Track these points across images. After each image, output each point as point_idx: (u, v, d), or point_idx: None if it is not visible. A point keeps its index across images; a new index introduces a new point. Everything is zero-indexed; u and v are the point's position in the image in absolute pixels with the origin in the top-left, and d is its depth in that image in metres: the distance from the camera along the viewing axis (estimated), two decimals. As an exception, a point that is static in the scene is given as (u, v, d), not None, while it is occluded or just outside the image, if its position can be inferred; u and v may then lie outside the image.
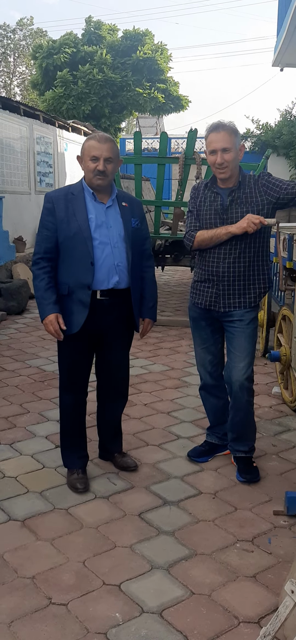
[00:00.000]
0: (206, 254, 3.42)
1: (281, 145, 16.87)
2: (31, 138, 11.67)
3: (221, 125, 3.29)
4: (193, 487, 3.38)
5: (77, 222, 3.17)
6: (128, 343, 3.53)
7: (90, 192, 3.24)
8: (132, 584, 2.53)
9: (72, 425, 3.44)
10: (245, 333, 3.39)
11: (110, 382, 3.51)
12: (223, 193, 3.36)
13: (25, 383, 5.18)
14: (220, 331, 3.56)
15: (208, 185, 3.44)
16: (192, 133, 6.77)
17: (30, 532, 2.91)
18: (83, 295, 3.18)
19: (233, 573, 2.61)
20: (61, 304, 3.21)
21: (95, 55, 19.18)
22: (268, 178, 3.37)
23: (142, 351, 6.18)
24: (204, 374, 3.67)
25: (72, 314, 3.20)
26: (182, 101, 20.90)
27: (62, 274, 3.22)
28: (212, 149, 3.28)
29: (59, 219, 3.18)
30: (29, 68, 36.39)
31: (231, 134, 3.26)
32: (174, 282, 11.04)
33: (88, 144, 3.20)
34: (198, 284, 3.50)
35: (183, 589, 2.50)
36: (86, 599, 2.44)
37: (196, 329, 3.62)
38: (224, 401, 3.70)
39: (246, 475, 3.46)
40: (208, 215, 3.38)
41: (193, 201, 3.48)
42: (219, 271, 3.37)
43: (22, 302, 8.25)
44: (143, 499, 3.23)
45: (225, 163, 3.26)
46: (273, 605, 2.37)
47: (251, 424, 3.55)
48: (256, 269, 3.39)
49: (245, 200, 3.32)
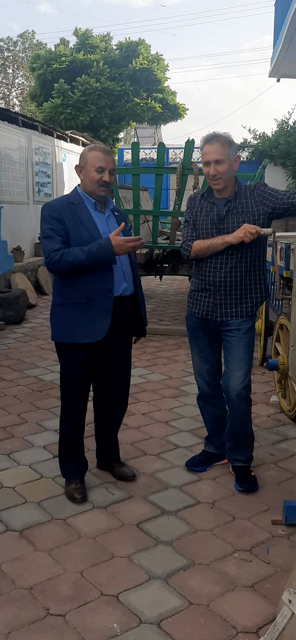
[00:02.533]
0: (203, 264, 3.43)
1: (279, 155, 16.93)
2: (29, 148, 11.71)
3: (215, 136, 3.32)
4: (191, 496, 3.37)
5: (87, 229, 3.17)
6: (130, 349, 3.55)
7: (92, 202, 3.25)
8: (130, 595, 2.52)
9: (73, 436, 3.41)
10: (243, 342, 3.40)
11: (112, 390, 3.50)
12: (220, 203, 3.38)
13: (23, 393, 5.17)
14: (217, 340, 3.57)
15: (204, 195, 3.46)
16: (189, 143, 6.81)
17: (28, 543, 2.90)
18: (105, 301, 3.15)
19: (231, 583, 2.61)
20: (78, 313, 3.15)
21: (92, 66, 19.30)
22: (264, 188, 3.39)
23: (140, 360, 6.18)
24: (202, 383, 3.67)
25: (93, 321, 3.15)
26: (179, 109, 21.01)
27: (77, 282, 3.15)
28: (206, 161, 3.31)
29: (69, 227, 3.15)
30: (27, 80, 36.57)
31: (224, 145, 3.28)
32: (172, 291, 11.05)
33: (92, 155, 3.20)
34: (195, 294, 3.52)
35: (182, 599, 2.50)
36: (84, 610, 2.43)
37: (193, 339, 3.63)
38: (222, 410, 3.70)
39: (244, 484, 3.46)
40: (205, 225, 3.40)
41: (190, 211, 3.50)
42: (216, 281, 3.38)
43: (21, 312, 8.26)
44: (141, 509, 3.23)
45: (218, 174, 3.28)
46: (271, 615, 2.36)
47: (249, 433, 3.55)
48: (252, 278, 3.40)
49: (241, 210, 3.34)
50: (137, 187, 7.04)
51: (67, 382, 3.35)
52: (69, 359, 3.29)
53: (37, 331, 7.72)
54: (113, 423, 3.61)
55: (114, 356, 3.41)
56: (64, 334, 3.23)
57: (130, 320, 3.43)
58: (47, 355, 6.40)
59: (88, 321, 3.16)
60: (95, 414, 3.61)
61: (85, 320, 3.16)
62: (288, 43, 10.30)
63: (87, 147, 3.32)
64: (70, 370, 3.32)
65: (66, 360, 3.32)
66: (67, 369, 3.33)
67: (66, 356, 3.30)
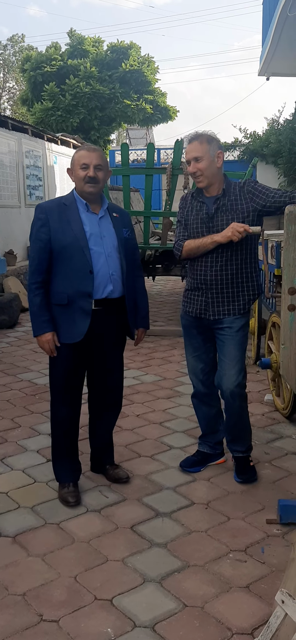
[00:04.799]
0: (195, 263, 3.43)
1: (270, 153, 16.95)
2: (20, 152, 11.66)
3: (194, 135, 3.36)
4: (185, 497, 3.35)
5: (73, 231, 3.17)
6: (122, 350, 3.53)
7: (83, 202, 3.25)
8: (124, 598, 2.50)
9: (66, 439, 3.40)
10: (235, 340, 3.40)
11: (104, 392, 3.49)
12: (209, 202, 3.39)
13: (16, 397, 5.14)
14: (211, 339, 3.56)
15: (194, 195, 3.46)
16: (179, 143, 6.80)
17: (22, 548, 2.88)
18: (84, 303, 3.18)
19: (226, 584, 2.59)
20: (60, 314, 3.19)
21: (79, 69, 19.30)
22: (254, 185, 3.38)
23: (134, 362, 6.16)
24: (196, 382, 3.66)
25: (73, 322, 3.19)
26: (169, 111, 21.07)
27: (59, 284, 3.20)
28: (187, 159, 3.37)
29: (53, 229, 3.18)
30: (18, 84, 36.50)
31: (202, 142, 3.30)
32: (166, 291, 11.03)
33: (77, 155, 3.25)
34: (189, 293, 3.52)
35: (176, 601, 2.48)
36: (78, 615, 2.41)
37: (187, 337, 3.62)
38: (217, 410, 3.70)
39: (242, 475, 3.51)
40: (195, 224, 3.40)
41: (182, 211, 3.51)
42: (207, 279, 3.38)
43: (14, 316, 8.22)
44: (135, 511, 3.21)
45: (198, 172, 3.31)
46: (266, 616, 2.34)
47: (246, 426, 3.58)
48: (244, 275, 3.39)
49: (230, 208, 3.33)
50: (127, 188, 7.02)
51: (52, 381, 3.39)
52: (53, 360, 3.32)
53: (30, 335, 7.66)
54: (107, 425, 3.59)
55: (105, 358, 3.40)
56: None
57: (120, 323, 3.41)
58: (40, 359, 6.37)
59: (68, 323, 3.21)
60: (89, 416, 3.59)
61: (66, 322, 3.21)
62: (277, 41, 10.32)
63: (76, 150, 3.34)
64: (53, 369, 3.35)
65: (51, 360, 3.34)
66: (52, 368, 3.36)
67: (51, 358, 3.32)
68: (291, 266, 2.71)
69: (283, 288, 2.73)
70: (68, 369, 3.29)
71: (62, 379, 3.32)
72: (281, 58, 11.30)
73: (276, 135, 16.80)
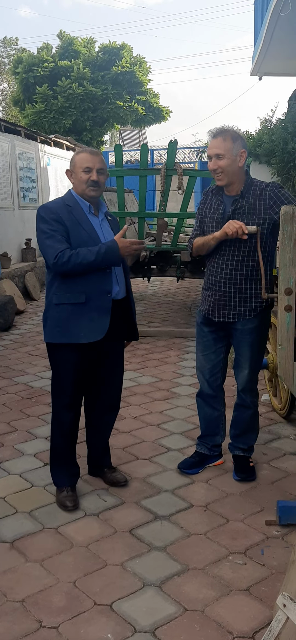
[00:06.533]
0: (209, 263, 3.46)
1: (263, 153, 16.94)
2: (13, 154, 11.61)
3: (219, 131, 3.29)
4: (184, 500, 3.34)
5: (84, 230, 3.18)
6: (123, 352, 3.53)
7: (87, 204, 3.26)
8: (124, 603, 2.48)
9: (66, 443, 3.36)
10: (248, 342, 3.43)
11: (104, 394, 3.47)
12: (228, 201, 3.35)
13: (12, 401, 5.11)
14: (223, 340, 3.55)
15: (214, 191, 3.45)
16: (172, 144, 6.78)
17: (20, 554, 2.85)
18: (104, 301, 3.18)
19: (226, 587, 2.58)
20: (77, 313, 3.15)
21: (72, 70, 19.27)
22: (279, 191, 3.26)
23: (130, 363, 6.13)
24: (202, 380, 3.65)
25: (92, 321, 3.16)
26: (162, 112, 21.07)
27: (76, 283, 3.16)
28: (208, 155, 3.31)
29: (69, 227, 3.16)
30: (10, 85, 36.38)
31: (226, 139, 3.24)
32: (161, 292, 11.02)
33: (79, 157, 3.23)
34: (204, 291, 3.56)
35: (176, 605, 2.46)
36: (77, 621, 2.39)
37: (199, 335, 3.63)
38: (219, 413, 3.68)
39: (241, 474, 3.52)
40: (210, 223, 3.39)
41: (201, 207, 3.51)
42: (217, 280, 3.39)
43: (9, 319, 8.18)
44: (134, 515, 3.19)
45: (218, 169, 3.26)
46: (267, 619, 2.34)
47: (253, 423, 3.62)
48: (254, 281, 3.35)
49: (248, 211, 3.28)
50: (121, 189, 7.00)
51: (58, 385, 3.32)
52: (61, 360, 3.25)
53: (26, 337, 7.65)
54: (105, 427, 3.57)
55: (107, 360, 3.39)
56: (60, 334, 3.19)
57: (122, 324, 3.41)
58: (36, 362, 6.34)
59: (87, 321, 3.16)
60: (87, 419, 3.57)
61: (85, 321, 3.16)
62: (269, 41, 10.31)
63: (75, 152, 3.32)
64: (62, 372, 3.28)
65: (58, 363, 3.28)
66: (59, 371, 3.29)
67: (59, 358, 3.26)
68: (287, 267, 2.70)
69: (279, 289, 2.72)
70: (76, 371, 3.25)
71: (69, 382, 3.27)
72: (273, 58, 11.30)
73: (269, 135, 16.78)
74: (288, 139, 14.04)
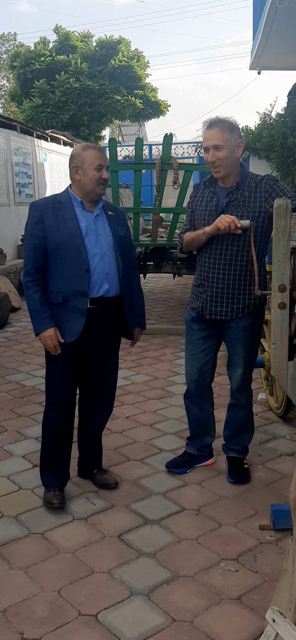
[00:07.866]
0: (200, 259, 3.34)
1: (262, 147, 16.83)
2: (8, 149, 11.50)
3: (215, 121, 3.18)
4: (175, 503, 3.24)
5: (68, 229, 3.10)
6: (117, 351, 3.44)
7: (79, 200, 3.18)
8: (110, 613, 2.38)
9: (57, 443, 3.28)
10: (242, 340, 3.33)
11: (97, 393, 3.39)
12: (221, 194, 3.24)
13: (3, 400, 5.01)
14: (213, 339, 3.44)
15: (206, 183, 3.33)
16: (168, 138, 6.67)
17: (3, 561, 2.75)
18: (79, 302, 3.11)
19: (216, 596, 2.48)
20: (55, 313, 3.12)
21: (69, 65, 19.14)
22: (274, 184, 3.18)
23: (125, 361, 6.02)
24: (190, 381, 3.55)
25: (67, 322, 3.12)
26: (160, 106, 20.92)
27: (54, 283, 3.12)
28: (205, 147, 3.19)
29: (48, 227, 3.10)
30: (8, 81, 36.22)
31: (224, 130, 3.14)
32: (158, 289, 10.91)
33: (89, 154, 3.13)
34: (195, 288, 3.44)
35: (164, 615, 2.36)
36: (60, 632, 2.29)
37: (188, 333, 3.53)
38: (207, 414, 3.59)
39: (234, 476, 3.43)
40: (203, 215, 3.27)
41: (192, 200, 3.40)
42: (209, 276, 3.28)
43: (3, 316, 8.08)
44: (123, 519, 3.09)
45: (217, 161, 3.15)
46: (258, 630, 2.24)
47: (248, 424, 3.53)
48: (248, 277, 3.24)
49: (242, 204, 3.18)
50: (115, 184, 6.89)
51: (49, 381, 3.30)
52: (49, 362, 3.25)
53: (20, 335, 7.55)
54: (97, 428, 3.48)
55: (99, 358, 3.31)
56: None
57: (117, 322, 3.32)
58: (29, 360, 6.24)
59: (63, 322, 3.13)
60: (79, 418, 3.48)
61: (61, 321, 3.13)
62: (267, 34, 10.17)
63: (79, 146, 3.22)
64: (51, 373, 3.27)
65: (48, 363, 3.27)
66: (50, 372, 3.28)
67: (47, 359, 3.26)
68: (281, 262, 2.59)
69: (273, 285, 2.61)
70: (63, 369, 3.21)
71: (56, 380, 3.24)
72: (272, 51, 11.16)
73: (268, 130, 16.64)
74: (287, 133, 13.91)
